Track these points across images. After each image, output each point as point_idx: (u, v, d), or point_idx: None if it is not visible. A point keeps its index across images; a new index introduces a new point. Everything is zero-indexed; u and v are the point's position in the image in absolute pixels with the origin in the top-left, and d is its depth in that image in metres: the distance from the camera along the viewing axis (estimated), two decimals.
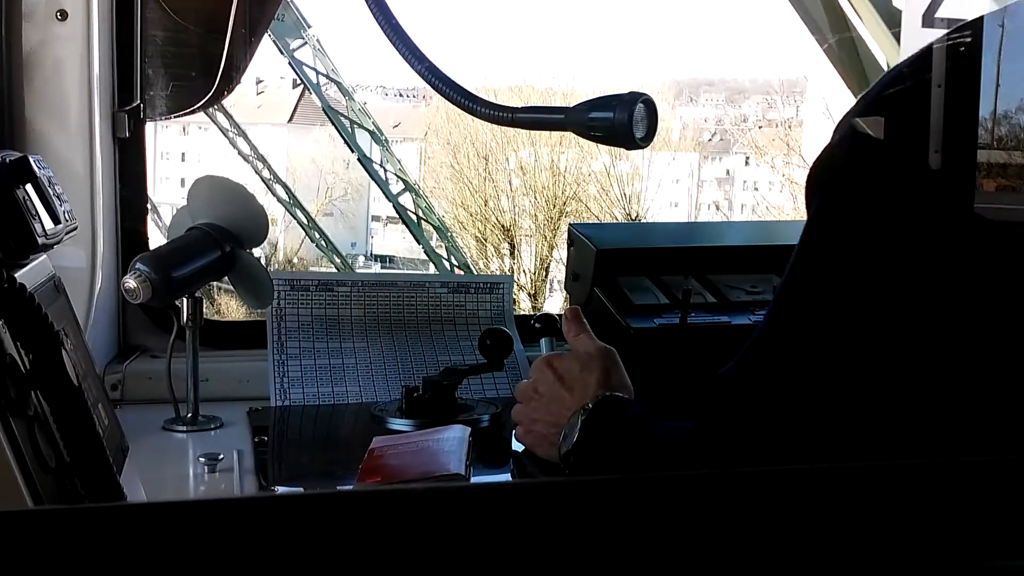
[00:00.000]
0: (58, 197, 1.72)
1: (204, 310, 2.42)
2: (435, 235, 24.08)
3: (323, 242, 26.26)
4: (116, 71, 2.63)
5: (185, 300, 2.38)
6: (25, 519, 0.78)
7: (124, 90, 2.65)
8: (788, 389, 1.53)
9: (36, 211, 1.60)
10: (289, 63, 22.69)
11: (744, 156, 31.28)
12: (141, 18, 2.66)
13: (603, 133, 2.07)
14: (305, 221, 25.55)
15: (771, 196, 27.58)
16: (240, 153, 25.62)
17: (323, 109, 21.97)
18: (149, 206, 2.83)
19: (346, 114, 22.20)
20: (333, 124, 23.07)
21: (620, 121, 2.02)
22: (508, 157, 27.61)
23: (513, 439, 2.26)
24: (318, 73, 22.47)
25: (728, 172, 32.21)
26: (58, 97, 2.49)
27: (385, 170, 23.43)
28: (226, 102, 19.52)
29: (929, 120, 1.45)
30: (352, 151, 23.13)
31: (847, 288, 1.50)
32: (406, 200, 23.60)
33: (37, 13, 2.45)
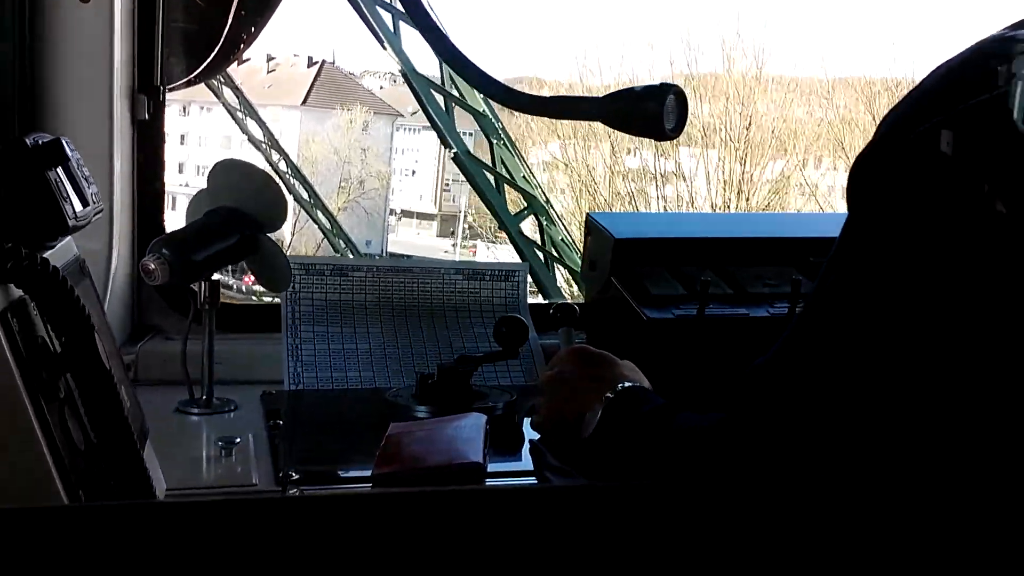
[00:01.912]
0: (86, 179, 1.71)
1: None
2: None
3: (350, 253, 22.13)
4: (137, 53, 2.63)
5: (202, 283, 2.38)
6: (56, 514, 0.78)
7: (144, 72, 2.65)
8: (823, 386, 1.53)
9: (67, 193, 1.59)
10: None
11: None
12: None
13: (634, 123, 2.07)
14: (328, 225, 22.22)
15: None
16: (251, 139, 23.02)
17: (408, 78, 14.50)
18: None
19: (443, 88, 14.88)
20: (424, 107, 14.84)
21: (652, 111, 2.02)
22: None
23: (528, 427, 2.27)
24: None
25: None
26: (80, 78, 2.49)
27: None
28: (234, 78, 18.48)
29: (969, 125, 1.44)
30: (450, 146, 14.78)
31: (887, 290, 1.49)
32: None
33: None
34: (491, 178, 14.74)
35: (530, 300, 2.85)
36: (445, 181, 58.86)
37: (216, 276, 2.38)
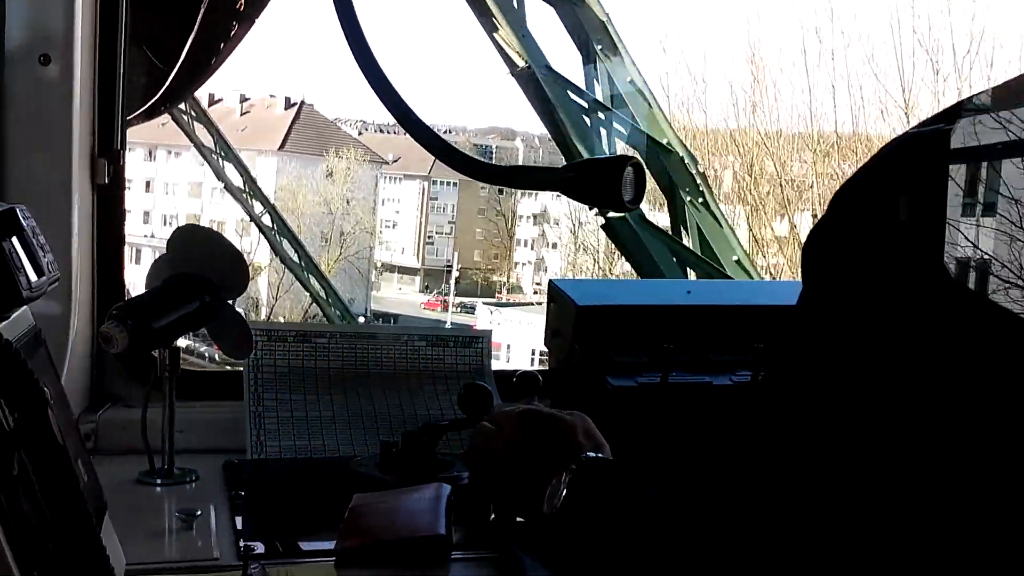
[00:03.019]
0: (41, 248, 1.69)
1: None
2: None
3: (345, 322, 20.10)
4: (97, 116, 2.60)
5: (163, 350, 2.35)
6: None
7: (104, 135, 2.62)
8: (779, 462, 1.52)
9: (21, 264, 1.57)
10: None
11: None
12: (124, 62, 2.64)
13: (592, 195, 2.08)
14: (322, 293, 19.66)
15: None
16: (228, 186, 20.63)
17: None
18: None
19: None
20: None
21: (610, 184, 2.02)
22: None
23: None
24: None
25: None
26: (38, 141, 2.46)
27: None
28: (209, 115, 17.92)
29: (930, 200, 1.45)
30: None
31: (843, 363, 1.48)
32: None
33: (20, 56, 2.42)
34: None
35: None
36: (428, 233, 58.48)
37: (185, 343, 2.36)
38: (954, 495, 1.43)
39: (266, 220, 20.56)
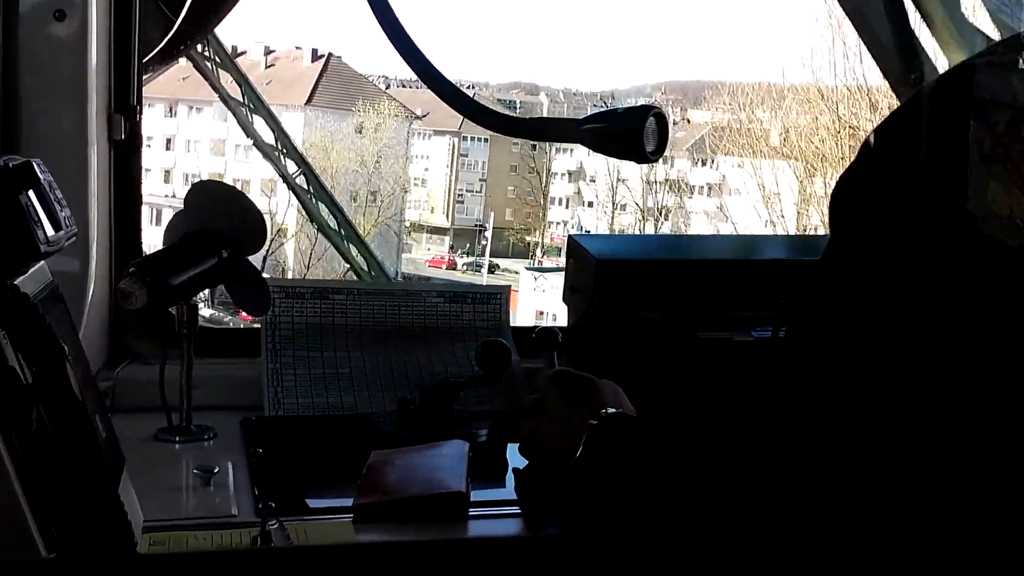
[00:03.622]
0: (59, 203, 1.68)
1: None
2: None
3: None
4: (113, 72, 2.59)
5: (180, 307, 2.34)
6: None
7: (120, 91, 2.60)
8: (803, 410, 1.51)
9: (39, 218, 1.56)
10: None
11: None
12: (140, 17, 2.61)
13: (614, 145, 2.05)
14: (363, 264, 17.68)
15: None
16: (258, 143, 18.10)
17: None
18: None
19: None
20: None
21: (631, 134, 2.00)
22: None
23: (511, 454, 2.24)
24: None
25: None
26: (54, 98, 2.43)
27: None
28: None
29: (953, 148, 1.43)
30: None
31: (871, 311, 1.47)
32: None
33: (34, 13, 2.40)
34: None
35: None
36: (458, 192, 57.10)
37: (208, 312, 2.35)
38: (985, 448, 1.41)
39: (300, 181, 18.64)
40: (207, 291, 2.45)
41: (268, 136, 18.33)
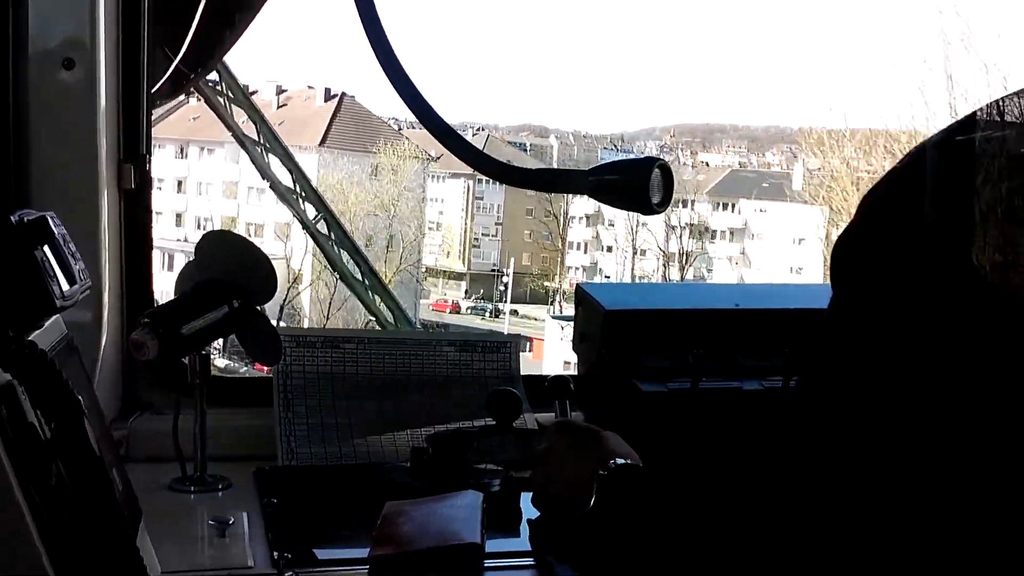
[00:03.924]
0: (72, 256, 1.69)
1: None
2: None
3: None
4: (122, 120, 2.59)
5: (193, 357, 2.35)
6: None
7: (130, 139, 2.61)
8: (805, 472, 1.51)
9: (54, 272, 1.56)
10: None
11: None
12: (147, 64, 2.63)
13: (620, 197, 2.07)
14: (390, 317, 16.76)
15: None
16: (274, 185, 16.92)
17: None
18: None
19: None
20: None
21: (637, 186, 2.01)
22: None
23: (525, 504, 2.24)
24: None
25: None
26: (64, 148, 2.44)
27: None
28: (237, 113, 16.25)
29: (956, 202, 1.43)
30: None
31: (874, 369, 1.47)
32: None
33: (44, 62, 2.42)
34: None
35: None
36: (474, 236, 55.89)
37: (223, 363, 2.36)
38: (997, 500, 1.41)
39: (320, 227, 17.57)
40: (220, 340, 2.45)
41: (284, 178, 17.48)
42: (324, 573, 1.92)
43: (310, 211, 17.65)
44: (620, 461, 1.93)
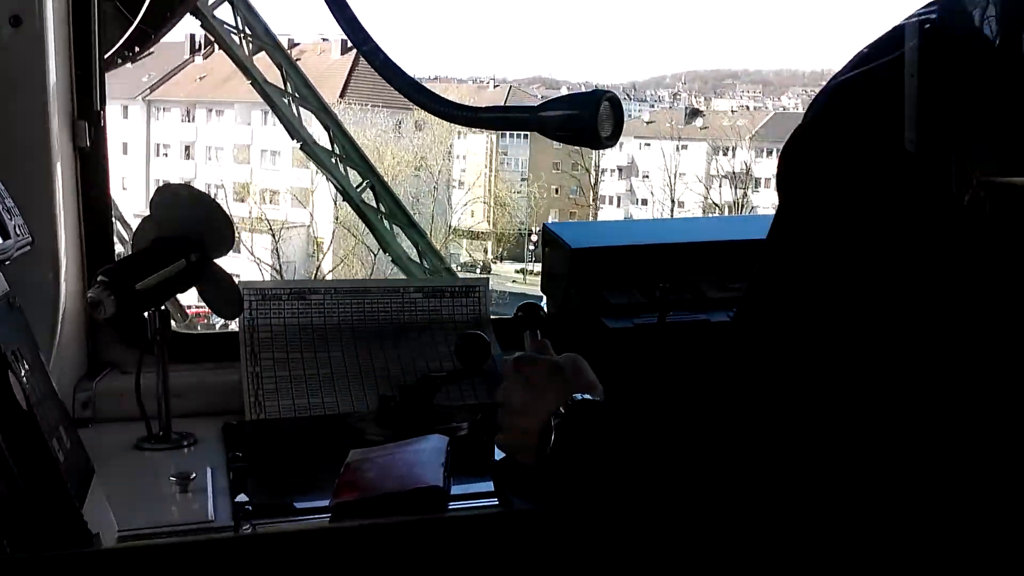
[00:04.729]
0: (8, 211, 1.65)
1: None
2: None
3: None
4: (74, 78, 2.55)
5: (152, 313, 2.32)
6: None
7: (83, 97, 2.56)
8: (759, 385, 1.49)
9: None
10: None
11: None
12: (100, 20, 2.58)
13: (568, 132, 2.03)
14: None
15: None
16: (307, 145, 13.93)
17: None
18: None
19: None
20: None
21: (586, 120, 1.98)
22: None
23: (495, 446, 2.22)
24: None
25: None
26: (14, 106, 2.40)
27: None
28: (216, 65, 14.99)
29: (901, 102, 1.40)
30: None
31: (820, 277, 1.45)
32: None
33: None
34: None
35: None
36: (498, 193, 53.10)
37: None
38: (953, 412, 1.39)
39: (368, 195, 14.20)
40: None
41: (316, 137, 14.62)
42: (285, 523, 1.89)
43: (353, 177, 14.34)
44: (579, 397, 1.90)
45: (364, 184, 14.23)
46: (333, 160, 14.04)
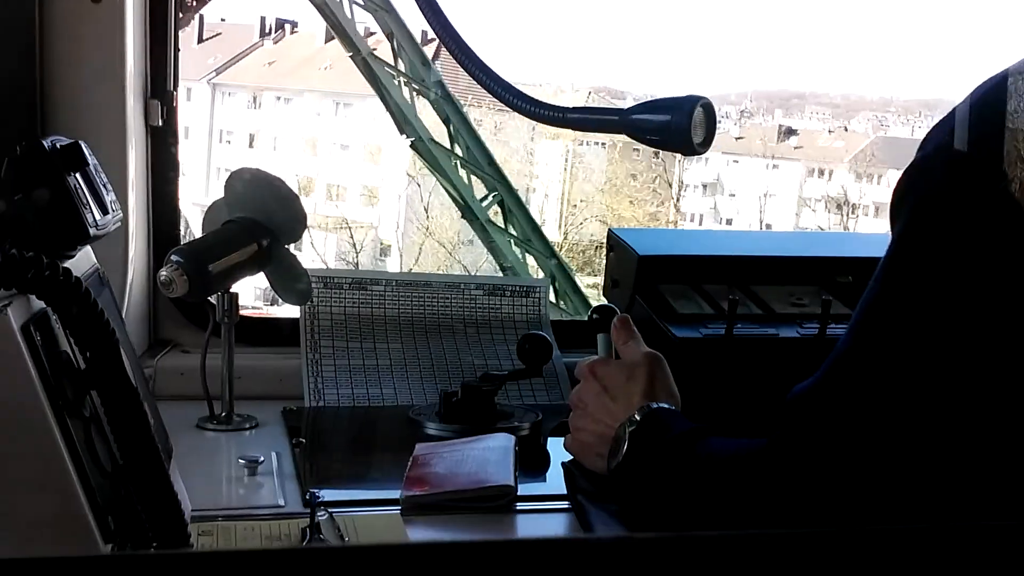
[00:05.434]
0: (105, 186, 1.65)
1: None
2: None
3: None
4: (149, 56, 2.55)
5: (221, 295, 2.33)
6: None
7: (157, 76, 2.57)
8: (872, 412, 1.47)
9: (87, 200, 1.53)
10: None
11: None
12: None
13: (659, 137, 2.02)
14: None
15: None
16: (417, 142, 10.60)
17: None
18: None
19: None
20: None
21: (678, 125, 1.96)
22: None
23: (552, 448, 2.22)
24: None
25: None
26: (89, 82, 2.40)
27: None
28: (287, 51, 12.88)
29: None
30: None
31: (937, 310, 1.43)
32: None
33: None
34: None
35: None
36: (572, 202, 51.30)
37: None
38: None
39: (480, 189, 10.88)
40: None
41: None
42: (356, 513, 1.89)
43: (478, 189, 10.87)
44: (654, 405, 1.89)
45: (491, 198, 10.73)
46: (453, 163, 10.81)
